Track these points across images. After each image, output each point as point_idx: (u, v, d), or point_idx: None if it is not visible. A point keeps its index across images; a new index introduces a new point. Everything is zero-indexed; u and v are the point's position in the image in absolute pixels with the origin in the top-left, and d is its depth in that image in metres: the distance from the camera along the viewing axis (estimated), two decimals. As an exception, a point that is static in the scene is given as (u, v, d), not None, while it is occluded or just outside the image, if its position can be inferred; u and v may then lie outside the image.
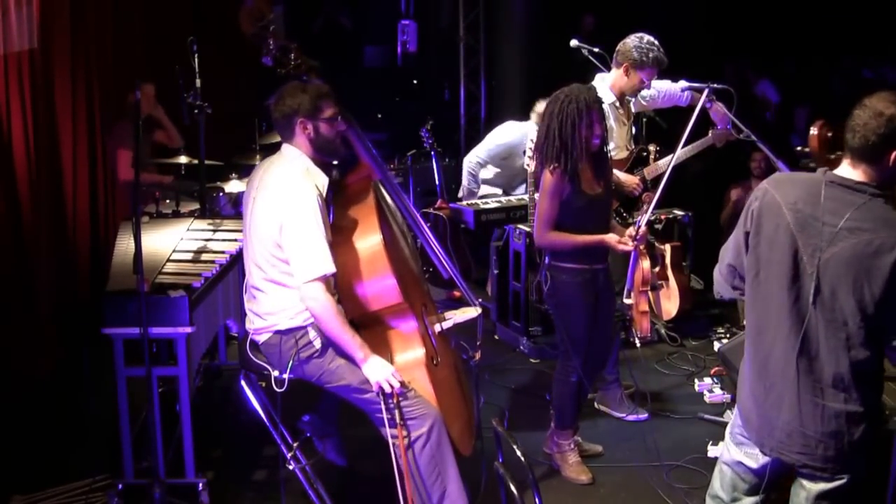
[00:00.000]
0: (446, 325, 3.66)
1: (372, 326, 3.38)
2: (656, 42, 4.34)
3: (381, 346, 3.31)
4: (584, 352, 3.87)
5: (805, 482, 2.50)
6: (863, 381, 2.36)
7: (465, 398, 3.76)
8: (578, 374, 3.88)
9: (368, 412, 3.30)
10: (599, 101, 3.68)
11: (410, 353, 3.36)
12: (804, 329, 2.36)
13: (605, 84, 4.47)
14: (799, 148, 3.17)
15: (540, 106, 5.89)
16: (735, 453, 2.64)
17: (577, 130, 3.60)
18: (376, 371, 3.17)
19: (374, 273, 3.28)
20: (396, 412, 3.14)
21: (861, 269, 2.26)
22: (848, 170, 2.38)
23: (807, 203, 2.36)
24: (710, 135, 4.75)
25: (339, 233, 3.32)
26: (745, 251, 2.52)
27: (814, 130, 3.15)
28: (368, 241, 3.30)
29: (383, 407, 3.16)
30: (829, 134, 3.03)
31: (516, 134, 6.05)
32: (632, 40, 4.35)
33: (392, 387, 3.14)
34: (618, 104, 4.53)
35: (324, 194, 3.22)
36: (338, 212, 3.45)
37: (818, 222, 2.33)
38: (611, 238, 3.73)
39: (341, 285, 3.31)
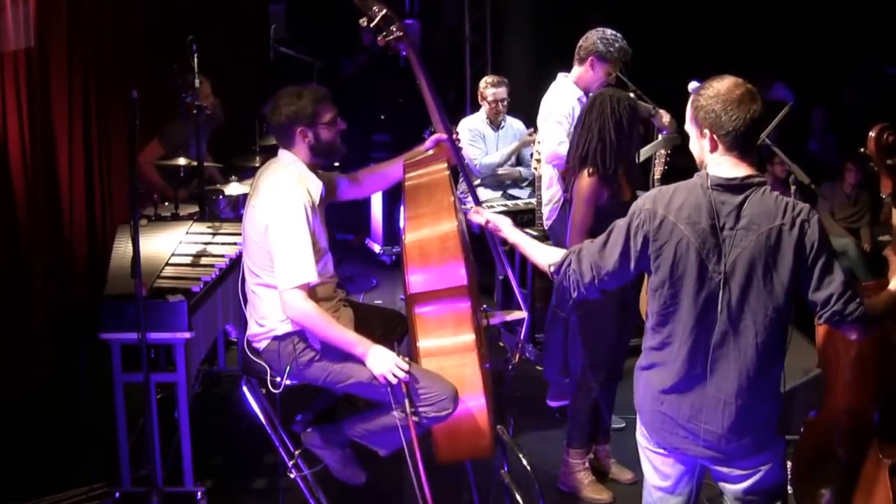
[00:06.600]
0: (494, 320, 3.64)
1: (430, 303, 3.32)
2: (619, 34, 4.32)
3: (436, 326, 3.27)
4: (606, 365, 3.78)
5: (726, 483, 2.51)
6: (768, 367, 2.39)
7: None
8: (597, 391, 3.78)
9: (384, 404, 3.20)
10: (636, 103, 3.67)
11: (462, 337, 3.31)
12: (714, 333, 2.37)
13: (569, 80, 4.43)
14: (862, 150, 3.08)
15: None
16: (650, 470, 2.61)
17: (628, 130, 3.56)
18: (379, 362, 3.08)
19: (447, 255, 3.27)
20: (406, 401, 3.05)
21: (769, 261, 2.32)
22: (729, 168, 2.38)
23: (699, 213, 2.37)
24: (659, 138, 4.74)
25: (418, 213, 3.32)
26: (619, 264, 2.49)
27: (872, 133, 3.09)
28: (445, 225, 3.29)
29: (389, 390, 3.08)
30: (892, 139, 2.93)
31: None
32: (594, 33, 4.32)
33: (397, 377, 3.05)
34: (584, 100, 4.43)
35: (316, 200, 3.21)
36: (416, 188, 3.43)
37: (716, 229, 2.36)
38: None
39: (412, 259, 3.26)
